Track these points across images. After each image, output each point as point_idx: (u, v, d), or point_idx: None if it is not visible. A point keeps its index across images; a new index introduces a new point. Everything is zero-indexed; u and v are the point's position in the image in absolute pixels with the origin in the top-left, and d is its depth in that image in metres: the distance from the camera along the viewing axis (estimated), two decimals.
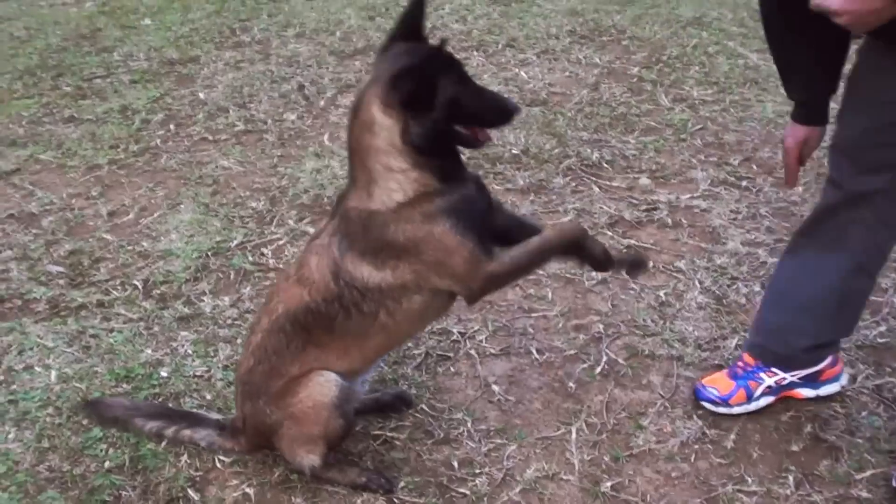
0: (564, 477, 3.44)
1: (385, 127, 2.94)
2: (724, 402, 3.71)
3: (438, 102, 2.91)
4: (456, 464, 3.52)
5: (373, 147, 2.98)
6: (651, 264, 3.57)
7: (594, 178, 5.43)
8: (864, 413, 3.71)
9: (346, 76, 7.05)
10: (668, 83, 6.86)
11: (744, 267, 4.60)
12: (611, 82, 6.88)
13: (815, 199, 5.01)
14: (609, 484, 3.40)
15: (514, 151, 5.73)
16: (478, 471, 3.48)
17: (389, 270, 3.12)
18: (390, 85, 2.90)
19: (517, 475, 3.45)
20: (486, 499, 3.35)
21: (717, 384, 3.75)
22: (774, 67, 3.41)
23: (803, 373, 3.70)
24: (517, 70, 7.11)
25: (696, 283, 4.48)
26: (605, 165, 5.59)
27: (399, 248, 3.08)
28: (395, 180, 3.00)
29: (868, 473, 3.44)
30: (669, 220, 5.02)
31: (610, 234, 4.88)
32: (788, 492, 3.36)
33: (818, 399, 3.76)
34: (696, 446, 3.58)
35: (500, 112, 3.09)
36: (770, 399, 3.69)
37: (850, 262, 3.40)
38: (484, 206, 3.22)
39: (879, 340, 4.13)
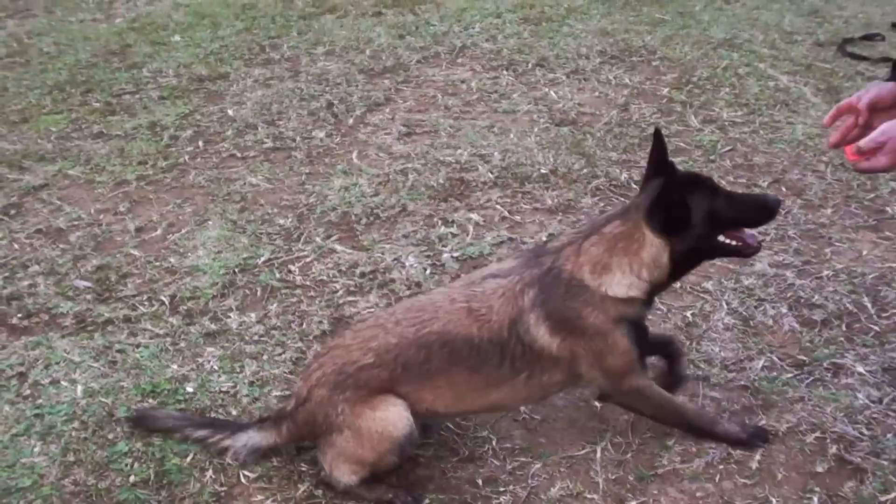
0: (589, 496, 3.43)
1: (655, 245, 3.35)
2: None
3: (696, 219, 3.31)
4: (480, 481, 3.51)
5: (638, 256, 3.36)
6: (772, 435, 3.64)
7: (623, 199, 5.40)
8: (889, 435, 3.67)
9: (375, 94, 7.06)
10: (697, 104, 6.84)
11: (771, 288, 4.57)
12: (640, 103, 6.86)
13: (843, 222, 5.06)
14: (633, 503, 3.39)
15: (542, 171, 5.73)
16: (502, 489, 3.48)
17: (559, 340, 3.38)
18: (648, 215, 3.33)
19: (541, 494, 3.45)
20: None
21: None
22: (805, 90, 3.46)
23: None
24: (547, 89, 7.12)
25: (724, 304, 4.46)
26: (634, 186, 5.56)
27: (581, 326, 3.38)
28: (631, 282, 3.36)
29: (893, 495, 3.40)
30: None
31: None
32: None
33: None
34: (721, 467, 3.55)
35: (759, 209, 3.47)
36: None
37: None
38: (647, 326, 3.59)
39: None
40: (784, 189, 5.56)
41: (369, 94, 7.10)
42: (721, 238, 3.41)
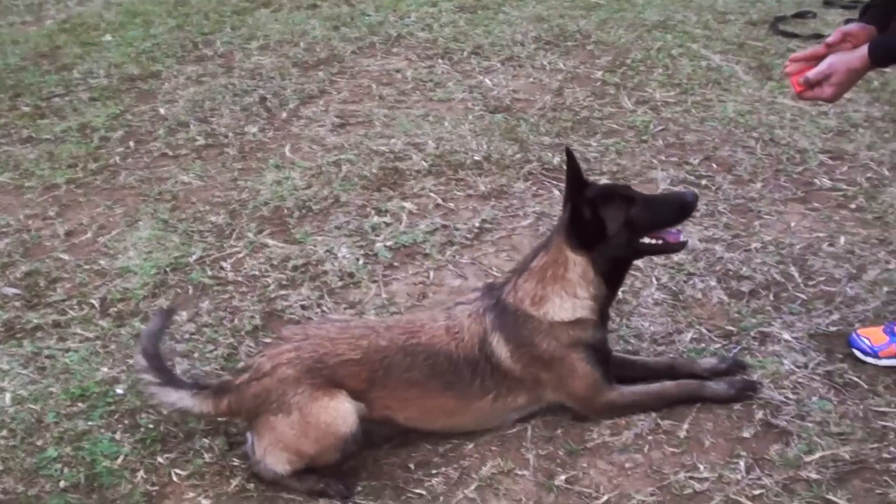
0: (520, 472, 3.45)
1: (578, 262, 3.52)
2: (874, 353, 3.91)
3: (612, 230, 3.46)
4: (412, 465, 3.52)
5: (565, 278, 3.53)
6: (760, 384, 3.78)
7: (555, 182, 5.43)
8: (814, 398, 3.73)
9: (308, 87, 7.05)
10: (631, 86, 6.88)
11: (701, 263, 4.62)
12: (574, 87, 6.89)
13: (772, 195, 5.13)
14: (563, 477, 3.41)
15: (476, 158, 5.75)
16: (434, 471, 3.48)
17: (520, 366, 3.56)
18: (567, 235, 3.52)
19: (473, 473, 3.45)
20: (441, 498, 3.36)
21: (871, 336, 3.94)
22: (737, 68, 3.57)
23: None
24: (482, 77, 7.14)
25: (654, 280, 4.50)
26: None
27: (537, 355, 3.56)
28: (572, 304, 3.53)
29: (817, 455, 3.46)
30: None
31: None
32: (739, 476, 3.38)
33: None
34: (650, 437, 3.59)
35: (676, 210, 3.58)
36: None
37: None
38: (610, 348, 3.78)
39: (831, 328, 4.16)
40: (715, 165, 5.62)
41: (303, 86, 7.08)
42: (645, 240, 3.53)
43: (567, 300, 3.52)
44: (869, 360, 3.90)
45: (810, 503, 3.27)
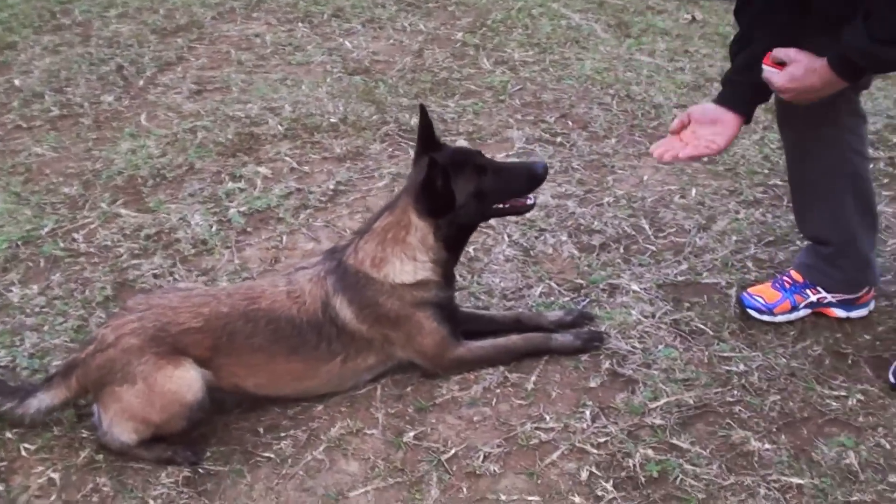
0: (369, 431, 3.48)
1: (420, 228, 3.54)
2: (770, 310, 3.96)
3: (461, 201, 3.49)
4: (262, 430, 3.52)
5: (405, 242, 3.56)
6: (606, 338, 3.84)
7: (411, 143, 5.42)
8: (661, 347, 3.83)
9: (167, 54, 6.95)
10: (490, 47, 6.92)
11: (553, 219, 4.68)
12: (435, 48, 6.91)
13: (626, 150, 5.21)
14: (412, 434, 3.45)
15: (332, 120, 5.74)
16: (283, 434, 3.49)
17: (366, 325, 3.59)
18: (415, 200, 3.51)
19: (322, 434, 3.47)
20: (290, 460, 3.37)
21: (764, 294, 3.99)
22: (595, 26, 3.54)
23: (843, 297, 3.92)
24: (342, 40, 7.11)
25: (505, 237, 4.55)
26: None
27: (382, 314, 3.59)
28: (413, 267, 3.57)
29: (662, 402, 3.56)
30: None
31: None
32: (585, 425, 3.45)
33: (846, 320, 3.99)
34: (498, 391, 3.64)
35: (527, 180, 3.63)
36: (808, 311, 3.93)
37: None
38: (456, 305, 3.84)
39: (679, 278, 4.27)
40: (570, 123, 5.69)
41: (161, 54, 6.97)
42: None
43: (407, 263, 3.56)
44: (765, 318, 3.97)
45: (654, 448, 3.35)
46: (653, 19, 7.42)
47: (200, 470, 3.35)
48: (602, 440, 3.40)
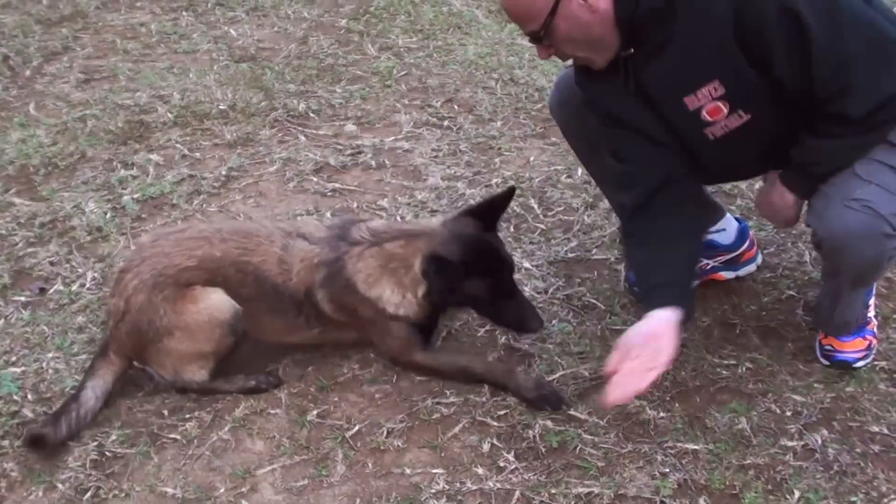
0: (272, 411, 3.55)
1: (416, 279, 3.50)
2: None
3: (459, 295, 3.51)
4: (166, 412, 3.57)
5: (401, 279, 3.54)
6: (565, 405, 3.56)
7: (301, 128, 5.53)
8: (554, 321, 3.94)
9: (52, 44, 6.88)
10: (374, 33, 6.99)
11: (443, 200, 4.79)
12: (319, 35, 6.96)
13: (512, 132, 5.33)
14: (315, 412, 3.54)
15: (221, 107, 5.77)
16: (188, 416, 3.55)
17: (343, 318, 3.67)
18: (425, 267, 3.45)
19: (226, 415, 3.54)
20: (196, 441, 3.43)
21: None
22: (477, 12, 3.55)
23: (725, 258, 4.04)
24: (227, 28, 7.11)
25: (398, 218, 4.65)
26: (312, 115, 5.69)
27: (359, 316, 3.65)
28: (400, 301, 3.57)
29: (558, 374, 3.68)
30: (373, 163, 5.17)
31: (315, 179, 5.01)
32: (484, 399, 3.57)
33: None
34: (399, 368, 3.74)
35: (517, 323, 3.64)
36: (696, 282, 3.78)
37: None
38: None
39: (570, 255, 4.38)
40: (456, 107, 5.80)
41: (46, 44, 6.91)
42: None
43: (396, 296, 3.57)
44: None
45: (553, 419, 3.46)
46: (398, 5, 7.54)
47: (107, 453, 3.39)
48: (502, 413, 3.51)
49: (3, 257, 4.44)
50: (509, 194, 3.65)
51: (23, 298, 4.16)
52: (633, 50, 3.08)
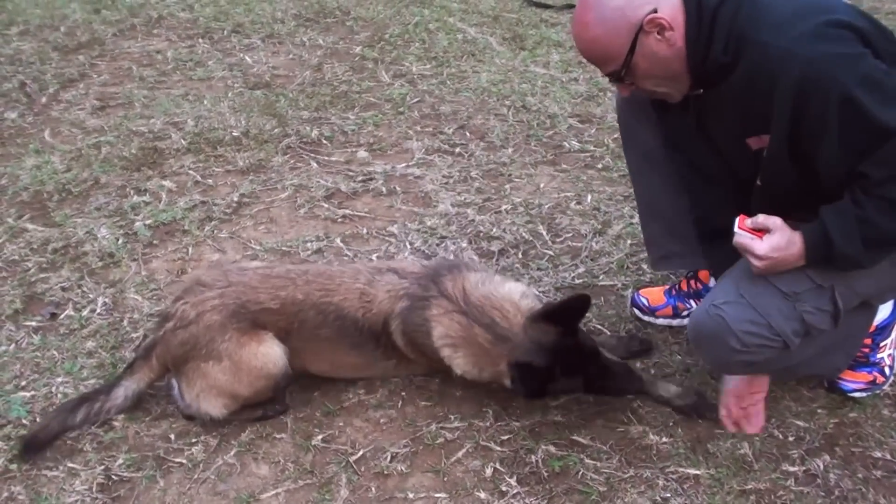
0: (278, 436, 3.56)
1: (502, 371, 3.42)
2: (652, 312, 4.11)
3: (553, 390, 3.47)
4: (173, 436, 3.58)
5: (481, 363, 3.47)
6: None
7: (313, 155, 5.57)
8: None
9: (69, 71, 6.97)
10: (389, 60, 7.06)
11: (453, 226, 4.81)
12: (333, 62, 7.03)
13: (523, 159, 5.35)
14: (320, 437, 3.55)
15: (234, 134, 5.82)
16: (194, 440, 3.56)
17: (414, 355, 3.64)
18: (513, 374, 3.37)
19: (232, 440, 3.55)
20: (202, 465, 3.44)
21: (650, 296, 4.13)
22: (491, 40, 3.56)
23: None
24: (242, 55, 7.20)
25: (407, 244, 4.68)
26: (325, 142, 5.74)
27: (426, 356, 3.61)
28: (471, 370, 3.52)
29: (562, 400, 3.68)
30: (384, 189, 5.20)
31: (326, 205, 5.04)
32: (488, 424, 3.58)
33: None
34: (404, 393, 3.76)
35: (619, 392, 3.62)
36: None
37: None
38: None
39: (577, 281, 4.40)
40: (468, 133, 5.83)
41: (63, 71, 6.99)
42: None
43: (470, 366, 3.51)
44: (646, 318, 4.11)
45: (556, 444, 3.48)
46: (546, 32, 7.62)
47: (113, 476, 3.40)
48: (505, 437, 3.53)
49: (16, 282, 4.47)
50: (584, 303, 3.35)
51: (34, 323, 4.19)
52: (702, 91, 3.11)
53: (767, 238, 2.97)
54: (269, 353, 3.50)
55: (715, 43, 2.91)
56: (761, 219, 2.98)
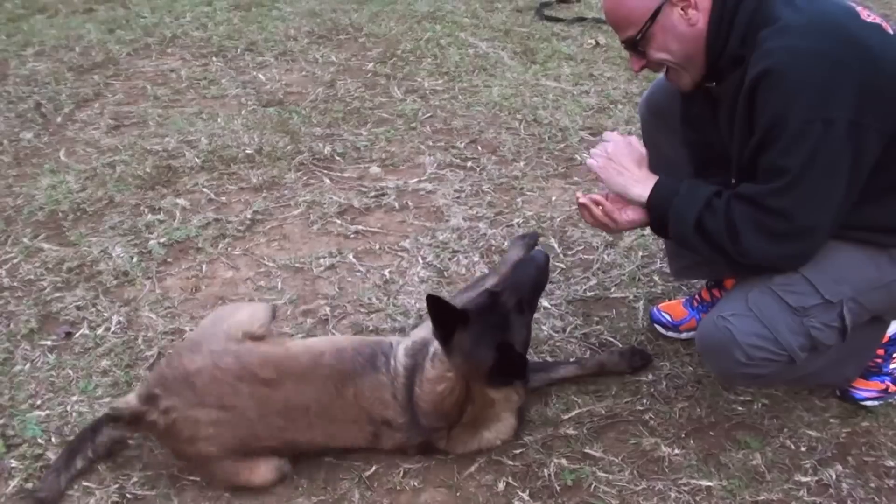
0: None
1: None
2: (675, 327, 4.09)
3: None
4: None
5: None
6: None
7: (326, 171, 5.59)
8: (571, 359, 3.96)
9: (84, 91, 7.01)
10: (401, 76, 7.08)
11: (465, 240, 4.83)
12: (346, 79, 7.06)
13: (534, 172, 5.37)
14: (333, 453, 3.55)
15: (247, 151, 5.84)
16: None
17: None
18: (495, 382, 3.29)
19: None
20: None
21: (672, 311, 4.12)
22: (503, 54, 3.58)
23: None
24: (255, 73, 7.23)
25: (420, 259, 4.69)
26: (337, 158, 5.76)
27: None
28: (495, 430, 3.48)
29: (574, 413, 3.70)
30: (396, 204, 5.21)
31: (339, 221, 5.06)
32: None
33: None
34: None
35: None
36: None
37: None
38: None
39: (588, 294, 4.42)
40: (480, 148, 5.86)
41: (78, 90, 7.03)
42: None
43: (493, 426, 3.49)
44: (670, 334, 4.10)
45: (568, 457, 3.48)
46: (558, 45, 7.64)
47: (128, 495, 3.42)
48: (517, 451, 3.53)
49: (31, 302, 4.50)
50: (435, 298, 3.28)
51: (49, 343, 4.21)
52: (715, 84, 3.17)
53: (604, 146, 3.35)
54: (268, 476, 3.40)
55: (734, 32, 2.95)
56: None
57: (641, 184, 3.23)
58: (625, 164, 3.30)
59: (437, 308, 3.22)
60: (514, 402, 3.43)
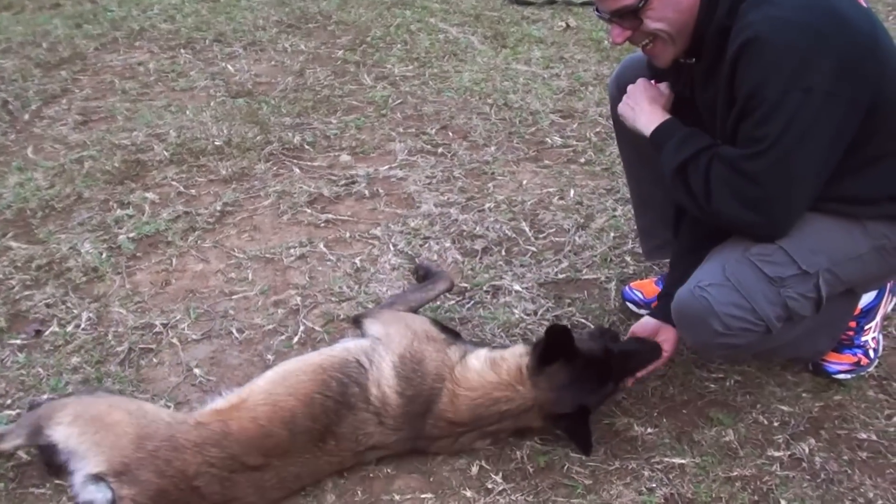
0: None
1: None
2: (647, 304, 4.10)
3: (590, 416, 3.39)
4: None
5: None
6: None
7: (296, 161, 5.56)
8: None
9: (51, 87, 6.93)
10: (371, 63, 7.06)
11: (436, 227, 4.82)
12: (315, 67, 7.02)
13: (505, 157, 5.35)
14: None
15: (216, 143, 5.80)
16: None
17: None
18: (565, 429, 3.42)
19: None
20: None
21: (644, 289, 4.17)
22: (473, 39, 3.57)
23: None
24: (224, 64, 7.18)
25: (391, 246, 4.68)
26: (307, 147, 5.73)
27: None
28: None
29: None
30: (367, 192, 5.20)
31: (309, 211, 5.03)
32: None
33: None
34: None
35: None
36: None
37: None
38: None
39: (560, 276, 4.43)
40: (451, 133, 5.85)
41: (45, 87, 6.96)
42: None
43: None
44: (643, 312, 4.08)
45: (540, 438, 3.51)
46: (528, 29, 7.63)
47: None
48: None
49: (0, 301, 4.46)
50: (564, 331, 3.36)
51: (18, 341, 4.17)
52: (694, 60, 3.17)
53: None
54: None
55: (722, 1, 2.95)
56: None
57: (648, 118, 3.32)
58: (638, 100, 3.39)
59: (562, 339, 3.31)
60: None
